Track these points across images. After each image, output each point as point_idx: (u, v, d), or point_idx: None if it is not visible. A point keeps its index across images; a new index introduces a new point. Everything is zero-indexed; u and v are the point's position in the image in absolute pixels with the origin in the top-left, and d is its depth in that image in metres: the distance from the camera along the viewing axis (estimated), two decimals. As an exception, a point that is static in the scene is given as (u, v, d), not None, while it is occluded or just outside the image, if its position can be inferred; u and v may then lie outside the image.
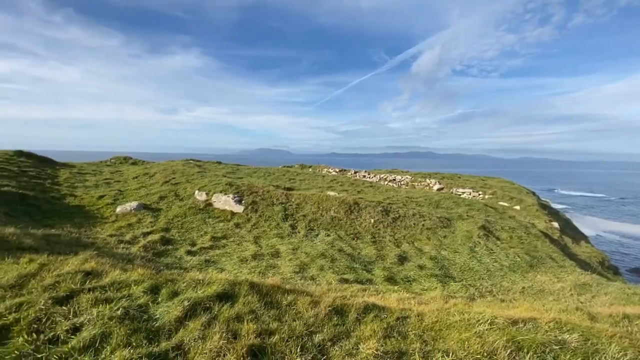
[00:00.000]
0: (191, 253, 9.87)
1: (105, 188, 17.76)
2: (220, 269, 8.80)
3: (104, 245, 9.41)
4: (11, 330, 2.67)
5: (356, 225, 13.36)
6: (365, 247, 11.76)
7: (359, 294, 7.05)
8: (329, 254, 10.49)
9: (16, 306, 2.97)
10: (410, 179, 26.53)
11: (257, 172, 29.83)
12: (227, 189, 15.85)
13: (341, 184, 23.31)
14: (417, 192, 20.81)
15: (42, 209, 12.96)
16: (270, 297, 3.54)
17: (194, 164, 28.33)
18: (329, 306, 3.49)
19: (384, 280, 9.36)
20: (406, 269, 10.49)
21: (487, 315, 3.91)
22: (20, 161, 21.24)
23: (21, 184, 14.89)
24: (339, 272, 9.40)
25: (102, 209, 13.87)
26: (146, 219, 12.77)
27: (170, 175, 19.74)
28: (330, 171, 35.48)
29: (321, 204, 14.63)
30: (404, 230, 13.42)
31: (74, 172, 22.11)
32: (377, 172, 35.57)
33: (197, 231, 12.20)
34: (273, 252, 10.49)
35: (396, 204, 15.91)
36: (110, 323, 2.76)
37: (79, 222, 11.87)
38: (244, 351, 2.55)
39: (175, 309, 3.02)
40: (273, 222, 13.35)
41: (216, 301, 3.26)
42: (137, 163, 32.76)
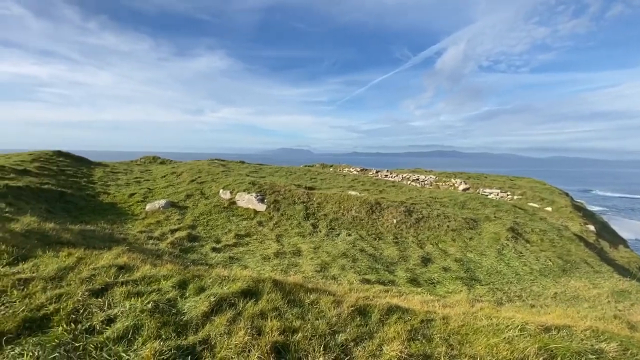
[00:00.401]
0: (216, 250, 10.13)
1: (135, 186, 18.57)
2: (243, 266, 8.98)
3: (135, 241, 9.85)
4: (52, 319, 2.85)
5: (378, 226, 13.21)
6: (387, 247, 11.60)
7: (381, 295, 6.97)
8: (351, 254, 10.44)
9: (56, 297, 3.16)
10: (434, 179, 25.91)
11: (279, 172, 30.16)
12: (250, 188, 16.14)
13: (362, 184, 23.13)
14: (441, 192, 20.29)
15: (78, 205, 13.74)
16: (293, 295, 3.57)
17: (218, 163, 29.07)
18: (351, 306, 3.47)
19: (407, 281, 9.20)
20: (430, 270, 10.25)
21: (517, 321, 3.75)
22: (59, 160, 22.62)
23: (60, 182, 15.85)
24: (361, 272, 9.34)
25: (132, 206, 14.52)
26: (174, 216, 13.23)
27: (197, 174, 20.34)
28: (351, 170, 35.29)
29: (342, 203, 14.58)
30: (427, 231, 13.12)
31: (107, 171, 23.28)
32: (400, 171, 34.99)
33: (222, 229, 12.50)
34: (295, 250, 10.57)
35: (419, 204, 15.59)
36: (142, 316, 2.88)
37: (112, 219, 12.49)
38: (268, 348, 2.59)
39: (202, 304, 3.11)
40: (294, 221, 13.45)
41: (241, 297, 3.33)
42: (165, 162, 34.04)
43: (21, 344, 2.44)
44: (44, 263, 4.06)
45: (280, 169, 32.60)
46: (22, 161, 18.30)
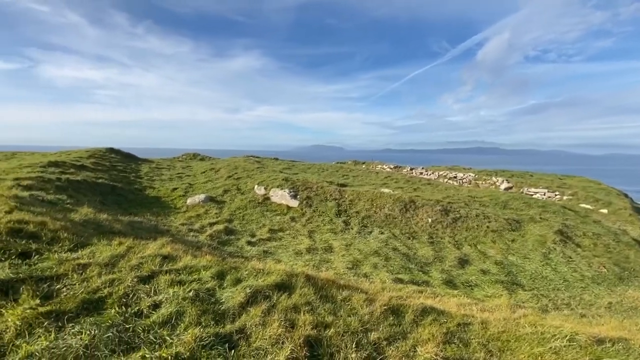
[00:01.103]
0: (251, 243, 10.47)
1: (177, 181, 19.69)
2: (277, 260, 9.20)
3: (177, 232, 10.46)
4: (106, 302, 3.11)
5: (412, 224, 12.88)
6: (421, 247, 11.29)
7: (415, 296, 6.81)
8: (383, 252, 10.30)
9: (109, 282, 3.45)
10: (474, 177, 24.69)
11: (311, 168, 30.41)
12: (283, 184, 16.45)
13: (396, 181, 22.65)
14: (481, 191, 19.30)
15: (128, 198, 14.84)
16: (326, 291, 3.60)
17: (253, 160, 29.93)
18: (384, 305, 3.43)
19: (442, 283, 8.90)
20: (467, 273, 9.83)
21: (565, 330, 3.49)
22: (111, 157, 24.58)
23: (112, 177, 17.21)
24: (393, 271, 9.18)
25: (175, 200, 15.42)
26: (212, 210, 13.86)
27: (233, 171, 21.11)
28: (384, 168, 34.68)
29: (375, 201, 14.39)
30: (465, 231, 12.57)
31: (152, 166, 24.91)
32: (436, 169, 33.78)
33: (256, 223, 12.89)
34: (326, 247, 10.63)
35: (457, 203, 14.95)
36: (184, 303, 3.06)
37: (157, 211, 13.35)
38: (301, 341, 2.64)
39: (238, 295, 3.24)
40: (326, 218, 13.51)
41: (275, 290, 3.42)
42: (204, 159, 35.70)
43: (80, 323, 2.70)
44: (99, 250, 4.44)
45: (313, 165, 32.86)
46: (80, 157, 20.10)
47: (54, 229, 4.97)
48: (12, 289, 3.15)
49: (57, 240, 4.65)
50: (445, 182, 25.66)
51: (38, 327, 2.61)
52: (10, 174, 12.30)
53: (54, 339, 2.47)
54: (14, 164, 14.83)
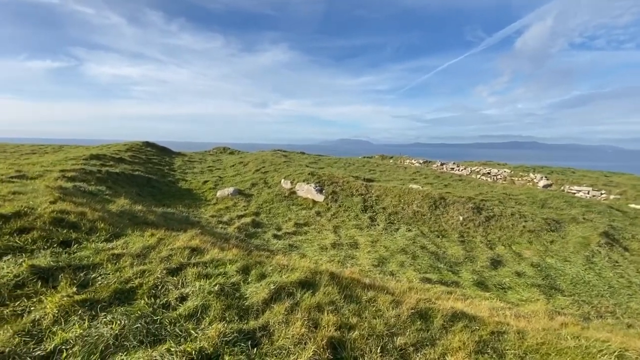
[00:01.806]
0: (277, 237, 10.59)
1: (208, 174, 20.33)
2: (302, 254, 9.23)
3: (207, 224, 10.78)
4: (136, 292, 3.22)
5: (442, 222, 12.42)
6: (451, 246, 10.86)
7: (444, 297, 6.56)
8: (410, 250, 10.02)
9: (140, 272, 3.56)
10: (509, 173, 23.37)
11: (338, 163, 30.25)
12: (309, 179, 16.46)
13: (425, 177, 21.98)
14: (517, 189, 18.24)
15: (162, 190, 15.52)
16: (350, 291, 3.51)
17: (280, 154, 30.25)
18: (411, 308, 3.28)
19: (473, 284, 8.52)
20: (500, 274, 9.34)
21: (613, 346, 3.17)
22: (147, 150, 25.82)
23: (147, 169, 18.07)
24: (421, 270, 8.91)
25: (205, 192, 15.93)
26: (240, 203, 14.17)
27: (261, 164, 21.45)
28: (412, 163, 33.76)
29: (402, 197, 14.03)
30: (499, 231, 11.93)
31: (185, 160, 25.89)
32: (468, 164, 32.38)
33: (282, 217, 13.01)
34: (352, 242, 10.52)
35: (490, 200, 14.24)
36: (209, 297, 3.09)
37: (188, 203, 13.86)
38: (324, 343, 2.57)
39: (262, 291, 3.23)
40: (352, 213, 13.37)
41: (299, 287, 3.38)
42: (234, 153, 36.61)
43: (112, 312, 2.80)
44: (132, 241, 4.62)
45: (339, 160, 32.66)
46: (118, 150, 21.27)
47: (93, 219, 5.24)
48: (52, 276, 3.34)
49: (94, 230, 4.90)
50: (478, 178, 24.54)
51: (73, 314, 2.74)
52: (57, 166, 13.23)
53: (87, 327, 2.57)
54: (61, 157, 15.95)
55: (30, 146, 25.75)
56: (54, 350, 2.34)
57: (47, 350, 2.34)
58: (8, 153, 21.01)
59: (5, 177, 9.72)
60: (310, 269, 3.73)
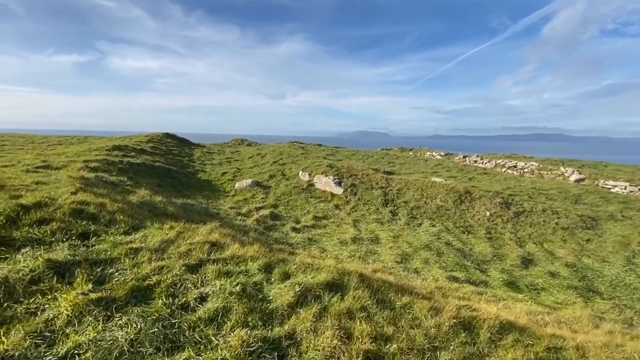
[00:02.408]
0: (296, 230, 10.37)
1: (226, 166, 20.36)
2: (321, 248, 8.98)
3: (226, 216, 10.70)
4: (154, 291, 3.02)
5: (467, 218, 11.85)
6: (478, 243, 10.33)
7: (474, 298, 6.15)
8: (435, 247, 9.58)
9: (158, 269, 3.37)
10: (537, 166, 22.19)
11: (356, 155, 29.72)
12: (327, 171, 16.14)
13: (447, 170, 21.21)
14: (547, 183, 17.25)
15: (182, 181, 15.61)
16: (382, 294, 3.20)
17: (298, 146, 29.99)
18: (453, 317, 2.94)
19: (503, 284, 8.02)
20: (532, 274, 8.78)
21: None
22: (167, 141, 26.15)
23: (168, 160, 18.23)
24: (447, 267, 8.48)
25: (224, 184, 15.91)
26: (258, 194, 14.04)
27: (278, 156, 21.28)
28: (433, 155, 32.75)
29: (425, 190, 13.49)
30: (529, 227, 11.25)
31: (204, 151, 26.08)
32: (492, 156, 31.10)
33: (301, 209, 12.79)
34: (372, 237, 10.17)
35: (519, 195, 13.48)
36: (231, 298, 2.85)
37: (207, 194, 13.86)
38: (360, 359, 2.28)
39: (287, 293, 2.97)
40: (372, 207, 12.98)
41: (325, 290, 3.10)
42: (251, 144, 36.68)
43: (128, 313, 2.61)
44: (151, 234, 4.46)
45: (357, 152, 32.10)
46: (140, 142, 21.59)
47: (112, 211, 5.13)
48: (68, 271, 3.19)
49: (113, 222, 4.78)
50: (504, 171, 23.48)
51: (88, 314, 2.56)
52: (81, 157, 13.48)
53: (101, 329, 2.39)
54: (85, 147, 16.28)
55: (57, 137, 26.62)
56: (65, 355, 2.16)
57: (58, 355, 2.16)
58: (36, 144, 21.75)
59: (32, 167, 9.91)
60: (337, 270, 3.44)
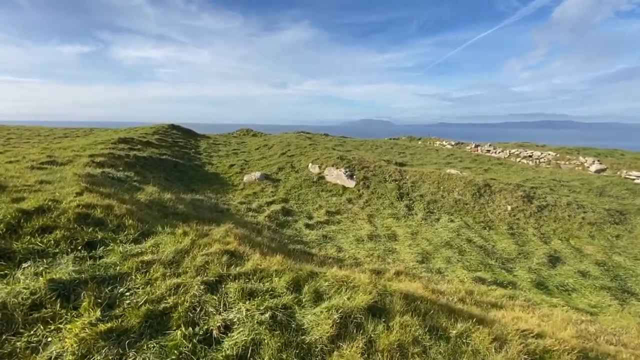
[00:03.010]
0: (309, 226, 9.99)
1: (233, 158, 19.96)
2: (337, 247, 8.60)
3: (236, 212, 10.34)
4: (170, 317, 2.64)
5: (487, 212, 11.34)
6: (500, 239, 9.85)
7: (507, 305, 5.73)
8: (456, 244, 9.13)
9: (174, 288, 2.99)
10: (554, 156, 21.44)
11: (364, 145, 29.11)
12: (338, 163, 15.65)
13: (460, 160, 20.58)
14: (566, 174, 16.58)
15: (189, 174, 15.26)
16: (432, 320, 2.78)
17: (305, 136, 29.43)
18: (523, 353, 2.52)
19: (532, 285, 7.58)
20: (560, 273, 8.32)
21: None
22: (173, 133, 25.76)
23: (174, 153, 17.86)
24: (471, 267, 8.04)
25: (232, 177, 15.53)
26: (268, 188, 13.65)
27: (286, 147, 20.79)
28: (444, 144, 32.00)
29: (442, 183, 12.96)
30: (553, 222, 10.73)
31: (210, 142, 25.67)
32: (504, 145, 30.29)
33: (312, 204, 12.39)
34: (389, 234, 9.75)
35: (541, 188, 12.90)
36: (260, 329, 2.46)
37: (216, 188, 13.50)
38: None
39: (324, 322, 2.56)
40: (386, 201, 12.52)
41: (367, 316, 2.69)
42: (257, 135, 36.16)
43: (143, 350, 2.23)
44: (163, 242, 4.08)
45: (365, 142, 31.46)
46: (145, 134, 21.21)
47: (120, 214, 4.75)
48: (74, 292, 2.81)
49: (122, 227, 4.40)
50: (518, 161, 22.76)
51: (97, 353, 2.17)
52: (87, 151, 13.14)
53: (112, 375, 2.00)
54: (90, 140, 15.95)
55: (62, 129, 26.40)
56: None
57: (61, 412, 1.77)
58: (42, 137, 21.52)
59: (37, 163, 9.59)
60: (377, 289, 3.01)
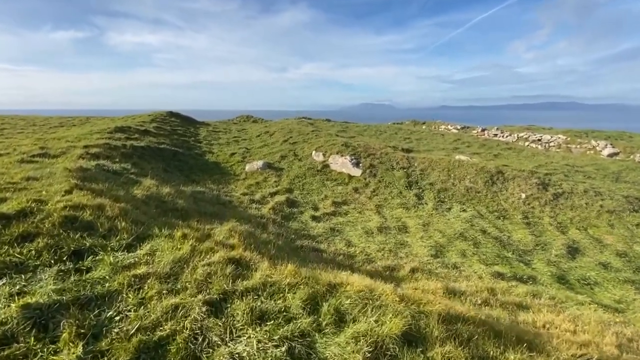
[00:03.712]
0: (315, 219, 9.57)
1: (234, 146, 19.39)
2: (346, 240, 8.19)
3: (239, 204, 9.90)
4: (168, 349, 2.22)
5: (500, 201, 10.88)
6: (516, 229, 9.43)
7: (533, 304, 5.33)
8: (470, 236, 8.71)
9: (172, 310, 2.56)
10: (564, 140, 20.79)
11: (367, 130, 28.42)
12: (343, 150, 15.11)
13: (468, 145, 19.97)
14: (579, 159, 16.01)
15: (189, 164, 14.76)
16: (478, 347, 2.36)
17: (306, 122, 28.71)
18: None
19: (553, 279, 7.19)
20: (581, 266, 7.92)
21: None
22: (171, 121, 25.07)
23: (173, 142, 17.30)
24: (487, 261, 7.64)
25: (234, 166, 15.04)
26: (271, 178, 13.18)
27: (288, 134, 20.19)
28: (449, 128, 31.24)
29: (452, 171, 12.45)
30: (570, 211, 10.28)
31: (209, 130, 25.03)
32: (510, 128, 29.56)
33: (317, 194, 11.94)
34: (400, 225, 9.33)
35: (555, 174, 12.39)
36: (276, 369, 2.02)
37: (217, 178, 13.03)
38: None
39: (352, 357, 2.13)
40: (394, 190, 12.05)
41: (402, 346, 2.26)
42: (257, 121, 35.39)
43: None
44: (160, 249, 3.64)
45: (368, 127, 30.73)
46: (143, 122, 20.59)
47: (112, 216, 4.29)
48: (52, 320, 2.39)
49: (114, 231, 3.96)
50: (527, 145, 22.14)
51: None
52: (82, 141, 12.62)
53: None
54: (86, 130, 15.40)
55: (58, 118, 25.72)
56: None
57: None
58: (37, 126, 20.91)
59: (27, 155, 9.09)
60: (409, 309, 2.57)
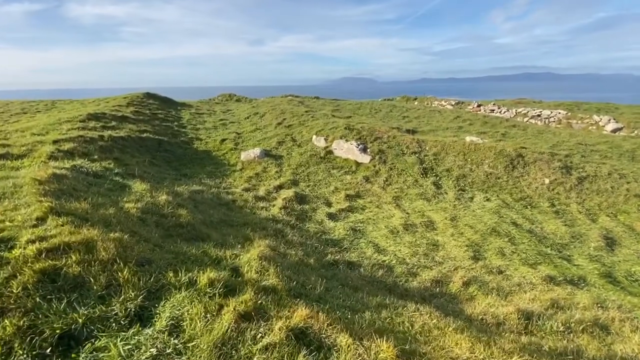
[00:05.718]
0: (331, 217, 8.58)
1: (223, 130, 17.82)
2: (372, 244, 7.29)
3: (244, 203, 8.74)
4: None
5: (523, 187, 10.20)
6: (546, 220, 8.79)
7: (617, 327, 4.64)
8: (503, 231, 7.99)
9: None
10: (565, 115, 20.32)
11: (361, 109, 27.11)
12: (347, 135, 13.98)
13: (470, 123, 19.19)
14: (589, 137, 15.53)
15: (176, 154, 13.28)
16: None
17: (296, 101, 27.03)
18: None
19: (600, 278, 6.59)
20: (622, 259, 7.39)
21: None
22: (149, 103, 22.86)
23: (155, 129, 15.57)
24: (529, 260, 6.95)
25: (226, 154, 13.68)
26: (271, 168, 11.99)
27: (280, 116, 18.72)
28: (443, 104, 30.34)
29: (468, 155, 11.62)
30: (596, 196, 9.74)
31: (192, 112, 23.06)
32: (503, 102, 29.08)
33: (326, 185, 10.91)
34: (425, 221, 8.48)
35: (573, 155, 11.80)
36: None
37: (211, 171, 11.73)
38: None
39: None
40: (409, 178, 11.16)
41: None
42: (241, 100, 33.27)
43: None
44: (184, 316, 2.56)
45: (361, 104, 29.39)
46: (119, 106, 18.51)
47: (108, 259, 3.14)
48: None
49: (114, 289, 2.82)
50: (526, 121, 21.62)
51: None
52: (50, 133, 10.89)
53: None
54: (54, 119, 13.45)
55: (20, 103, 22.89)
56: None
57: None
58: (-5, 114, 18.44)
59: (-17, 157, 7.53)
60: None
